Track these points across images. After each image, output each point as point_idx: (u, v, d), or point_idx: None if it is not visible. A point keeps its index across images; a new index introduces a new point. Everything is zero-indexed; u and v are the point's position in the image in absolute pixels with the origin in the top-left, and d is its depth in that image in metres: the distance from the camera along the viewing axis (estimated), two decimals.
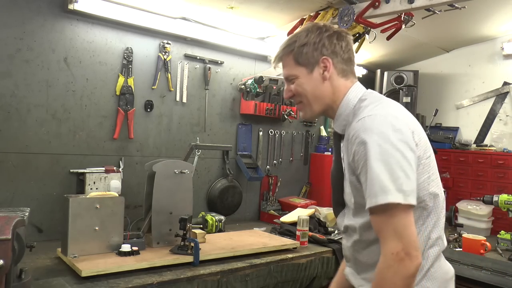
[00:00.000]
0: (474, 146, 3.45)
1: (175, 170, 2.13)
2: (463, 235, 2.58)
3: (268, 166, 3.29)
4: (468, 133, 3.65)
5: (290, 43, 1.38)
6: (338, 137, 1.38)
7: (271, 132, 3.30)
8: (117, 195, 2.05)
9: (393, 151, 1.13)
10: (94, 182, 2.37)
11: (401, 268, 1.06)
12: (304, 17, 2.62)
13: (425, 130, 2.95)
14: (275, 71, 3.28)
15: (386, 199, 1.09)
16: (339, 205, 1.36)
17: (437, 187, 1.26)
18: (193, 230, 2.11)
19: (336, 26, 1.41)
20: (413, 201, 1.11)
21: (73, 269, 1.74)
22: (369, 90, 1.37)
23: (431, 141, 3.14)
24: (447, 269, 1.31)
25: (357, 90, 1.35)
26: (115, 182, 2.41)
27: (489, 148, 3.34)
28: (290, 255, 2.16)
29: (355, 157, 1.20)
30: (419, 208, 1.21)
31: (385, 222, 1.11)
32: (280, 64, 1.43)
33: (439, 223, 1.26)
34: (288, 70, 1.40)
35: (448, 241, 2.51)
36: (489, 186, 3.16)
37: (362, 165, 1.17)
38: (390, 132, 1.15)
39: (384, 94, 3.42)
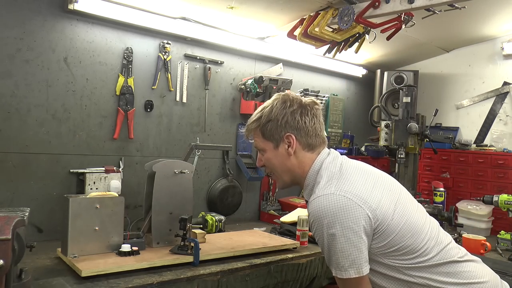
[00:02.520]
0: (474, 146, 3.45)
1: (175, 170, 2.13)
2: (463, 235, 2.58)
3: None
4: (468, 133, 3.65)
5: (257, 118, 1.49)
6: None
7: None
8: (117, 195, 2.05)
9: (342, 231, 1.24)
10: (94, 182, 2.37)
11: None
12: (304, 17, 2.62)
13: (425, 130, 2.98)
14: (275, 71, 3.28)
15: (341, 275, 1.27)
16: None
17: (421, 218, 1.38)
18: (193, 230, 2.11)
19: (302, 99, 1.47)
20: (366, 270, 1.27)
21: (73, 269, 1.73)
22: (329, 157, 1.44)
23: (431, 141, 3.12)
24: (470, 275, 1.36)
25: (320, 161, 1.43)
26: (115, 182, 2.41)
27: (489, 148, 3.33)
28: (290, 255, 2.16)
29: (313, 233, 1.34)
30: (404, 248, 1.30)
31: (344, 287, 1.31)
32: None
33: (430, 248, 1.33)
34: (257, 143, 1.51)
35: None
36: (489, 186, 3.16)
37: (318, 241, 1.32)
38: (341, 212, 1.25)
39: (384, 94, 3.42)
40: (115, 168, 2.45)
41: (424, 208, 1.51)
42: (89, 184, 2.35)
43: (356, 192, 1.29)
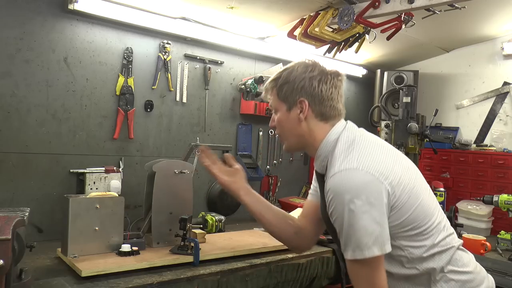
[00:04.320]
0: (474, 146, 3.45)
1: (175, 170, 2.13)
2: (463, 235, 2.58)
3: (268, 166, 3.29)
4: (468, 133, 3.65)
5: (276, 78, 1.45)
6: (321, 177, 1.41)
7: (271, 132, 3.30)
8: (117, 195, 2.05)
9: (365, 207, 1.18)
10: (94, 182, 2.37)
11: None
12: (304, 17, 2.62)
13: (425, 130, 2.98)
14: (275, 71, 3.27)
15: (363, 255, 1.19)
16: (337, 240, 1.39)
17: (433, 201, 1.37)
18: (193, 230, 2.11)
19: (326, 67, 1.42)
20: (389, 248, 1.22)
21: (73, 269, 1.73)
22: (346, 130, 1.38)
23: (431, 141, 3.11)
24: (470, 279, 1.34)
25: (336, 133, 1.37)
26: (115, 182, 2.41)
27: (489, 148, 3.33)
28: (290, 255, 2.15)
29: (331, 211, 1.26)
30: (415, 229, 1.28)
31: (359, 273, 1.24)
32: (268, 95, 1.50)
33: (438, 232, 1.32)
34: (273, 103, 1.48)
35: None
36: (489, 186, 3.16)
37: (336, 220, 1.25)
38: (364, 188, 1.20)
39: (384, 94, 3.42)
40: (115, 168, 2.45)
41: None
42: (89, 184, 2.35)
43: (378, 168, 1.23)
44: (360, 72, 3.84)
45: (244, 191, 1.62)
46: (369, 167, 1.23)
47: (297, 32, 2.63)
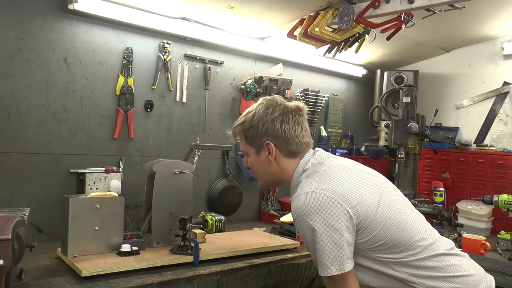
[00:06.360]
0: (474, 146, 3.45)
1: (175, 170, 2.13)
2: (463, 235, 2.58)
3: None
4: (468, 133, 3.65)
5: (241, 123, 1.50)
6: None
7: None
8: (117, 195, 2.05)
9: (323, 229, 1.25)
10: (94, 182, 2.37)
11: None
12: (304, 17, 2.62)
13: (425, 130, 2.98)
14: (275, 71, 3.28)
15: (325, 273, 1.28)
16: None
17: (407, 214, 1.39)
18: (193, 230, 2.11)
19: (287, 105, 1.46)
20: (348, 267, 1.27)
21: (73, 269, 1.74)
22: (314, 157, 1.44)
23: (431, 141, 3.12)
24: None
25: (303, 164, 1.44)
26: (115, 182, 2.41)
27: (489, 148, 3.33)
28: (290, 255, 2.16)
29: (297, 232, 1.42)
30: (391, 248, 1.31)
31: (329, 286, 1.32)
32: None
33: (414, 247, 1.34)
34: (242, 146, 1.55)
35: None
36: (489, 186, 3.16)
37: (303, 240, 1.35)
38: (321, 210, 1.26)
39: (384, 94, 3.42)
40: (115, 168, 2.45)
41: (410, 202, 1.51)
42: (89, 184, 2.35)
43: (336, 189, 1.29)
44: (360, 72, 3.84)
45: None
46: (326, 189, 1.29)
47: (297, 32, 2.63)
